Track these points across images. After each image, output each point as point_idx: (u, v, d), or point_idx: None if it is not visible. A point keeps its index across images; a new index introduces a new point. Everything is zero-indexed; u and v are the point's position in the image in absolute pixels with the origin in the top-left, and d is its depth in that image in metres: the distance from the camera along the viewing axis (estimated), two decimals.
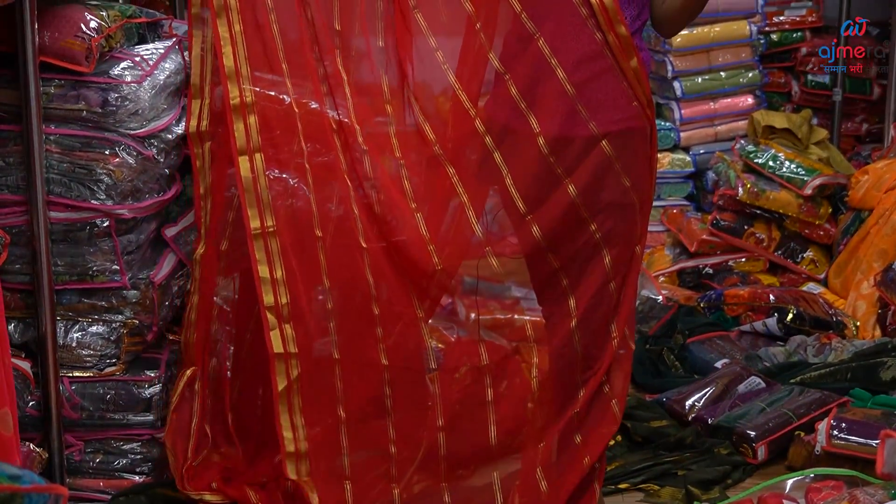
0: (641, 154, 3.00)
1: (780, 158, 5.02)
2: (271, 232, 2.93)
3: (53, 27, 3.06)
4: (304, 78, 3.07)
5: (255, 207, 2.94)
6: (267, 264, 2.92)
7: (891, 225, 4.44)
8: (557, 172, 2.93)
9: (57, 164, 3.11)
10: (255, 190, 2.94)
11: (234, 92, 2.96)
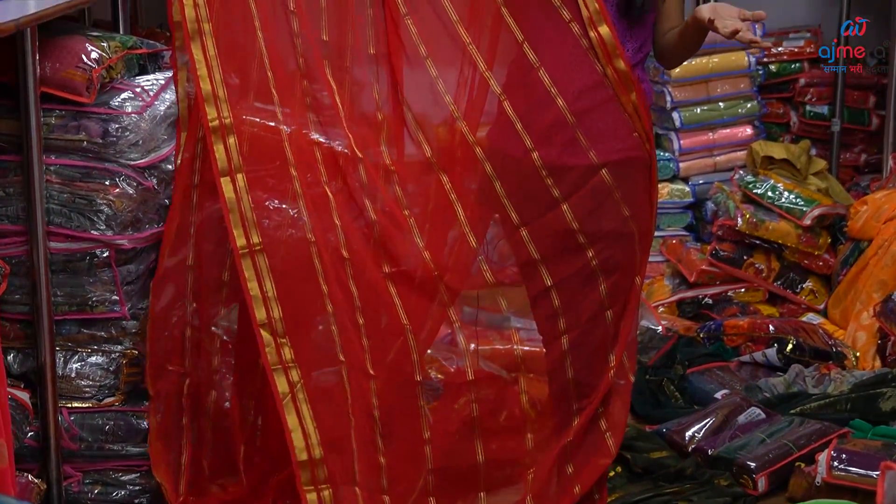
0: (641, 184, 3.01)
1: (779, 189, 5.03)
2: (258, 249, 2.91)
3: (54, 58, 3.07)
4: (297, 105, 3.07)
5: (240, 227, 2.92)
6: (256, 281, 2.90)
7: (890, 255, 4.45)
8: (554, 195, 2.95)
9: (57, 194, 3.11)
10: (239, 209, 2.92)
11: (211, 114, 2.94)
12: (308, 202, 3.02)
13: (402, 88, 3.09)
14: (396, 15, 3.01)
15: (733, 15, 2.88)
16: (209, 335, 3.21)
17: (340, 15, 3.07)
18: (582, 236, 2.96)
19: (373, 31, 3.07)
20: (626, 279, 3.02)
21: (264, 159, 3.06)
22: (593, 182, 2.94)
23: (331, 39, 3.10)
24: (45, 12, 2.79)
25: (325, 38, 3.10)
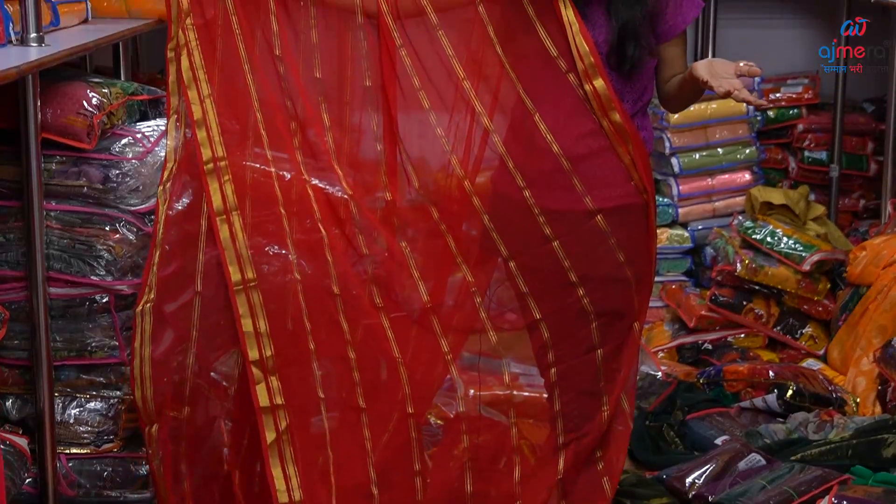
0: (638, 230, 3.01)
1: (777, 234, 5.04)
2: (252, 286, 2.92)
3: (56, 104, 3.09)
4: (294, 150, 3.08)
5: (235, 264, 2.93)
6: (250, 317, 2.91)
7: (889, 301, 4.44)
8: (546, 233, 2.96)
9: (57, 239, 3.12)
10: (234, 248, 2.93)
11: (206, 155, 2.95)
12: (305, 249, 3.03)
13: (398, 126, 3.09)
14: (391, 45, 3.02)
15: (729, 71, 2.89)
16: (208, 381, 3.20)
17: (333, 49, 3.08)
18: (573, 274, 2.97)
19: (368, 63, 3.08)
20: (620, 322, 3.02)
21: (263, 205, 3.07)
22: (588, 226, 2.95)
23: (325, 76, 3.11)
24: (46, 59, 2.80)
25: (319, 76, 3.11)
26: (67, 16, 3.33)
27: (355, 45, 3.08)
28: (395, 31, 3.00)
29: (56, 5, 3.22)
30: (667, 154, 5.61)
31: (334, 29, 3.04)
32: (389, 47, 3.02)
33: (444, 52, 3.01)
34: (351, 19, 3.01)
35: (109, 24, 3.51)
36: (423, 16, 3.00)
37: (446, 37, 3.01)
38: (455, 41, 3.01)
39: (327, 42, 3.08)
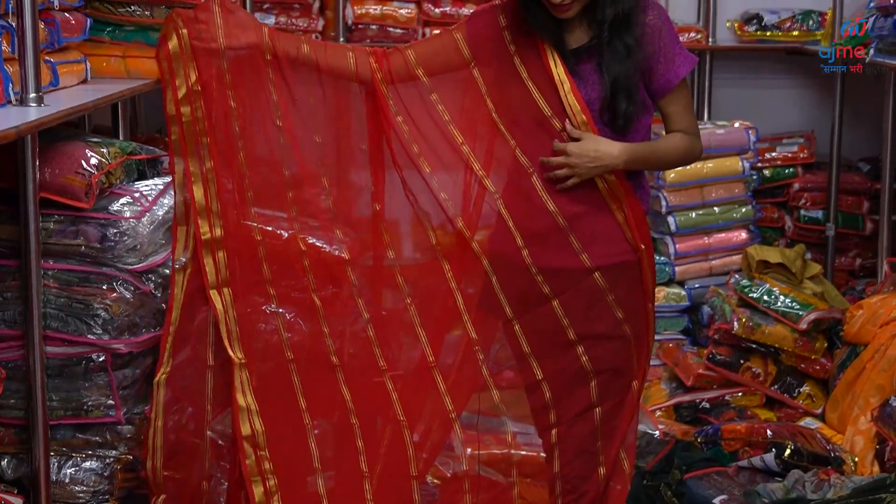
0: (635, 288, 3.02)
1: (774, 293, 5.04)
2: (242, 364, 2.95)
3: (54, 164, 3.10)
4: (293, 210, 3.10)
5: (226, 339, 3.02)
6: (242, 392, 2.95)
7: (887, 360, 4.43)
8: (545, 291, 2.96)
9: (54, 298, 3.12)
10: (225, 322, 2.99)
11: (203, 227, 3.01)
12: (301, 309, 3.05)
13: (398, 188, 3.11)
14: (388, 113, 3.04)
15: None
16: (204, 439, 3.19)
17: (331, 113, 3.11)
18: (572, 332, 2.98)
19: (365, 128, 3.10)
20: (619, 380, 3.02)
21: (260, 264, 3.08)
22: (586, 284, 2.96)
23: (325, 139, 3.14)
24: (45, 119, 2.81)
25: (319, 140, 3.13)
26: (67, 76, 3.34)
27: (352, 108, 3.10)
28: (389, 98, 3.02)
29: (55, 66, 3.24)
30: (663, 213, 5.62)
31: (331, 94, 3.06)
32: (385, 114, 3.04)
33: (439, 117, 3.03)
34: (347, 85, 3.04)
35: (108, 84, 3.52)
36: (416, 80, 3.02)
37: (441, 102, 3.03)
38: (450, 104, 3.03)
39: (325, 107, 3.10)
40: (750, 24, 6.21)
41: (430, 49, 3.05)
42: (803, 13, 6.17)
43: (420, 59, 3.01)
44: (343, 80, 3.02)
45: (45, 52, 3.16)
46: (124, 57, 3.68)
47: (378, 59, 3.00)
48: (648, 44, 2.92)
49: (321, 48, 3.03)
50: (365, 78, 3.00)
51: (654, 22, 2.93)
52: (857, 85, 5.91)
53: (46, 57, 3.18)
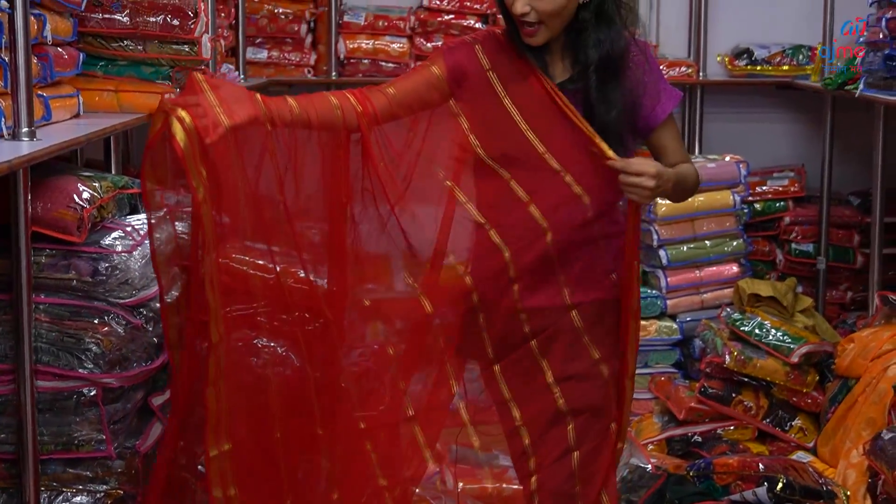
0: (613, 328, 3.01)
1: (766, 326, 5.04)
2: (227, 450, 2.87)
3: (46, 198, 3.10)
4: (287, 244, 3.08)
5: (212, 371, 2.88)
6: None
7: (878, 393, 4.44)
8: (525, 331, 2.95)
9: (46, 332, 3.11)
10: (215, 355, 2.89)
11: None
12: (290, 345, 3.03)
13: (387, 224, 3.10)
14: (372, 156, 3.01)
15: None
16: (195, 474, 3.18)
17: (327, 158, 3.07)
18: (549, 374, 2.96)
19: (361, 167, 3.09)
20: (597, 422, 3.00)
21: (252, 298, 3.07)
22: (564, 321, 2.95)
23: (322, 179, 3.12)
24: (37, 154, 2.81)
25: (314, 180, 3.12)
26: (59, 110, 3.35)
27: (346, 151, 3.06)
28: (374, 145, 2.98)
29: (48, 100, 3.24)
30: (654, 246, 5.63)
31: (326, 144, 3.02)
32: (371, 157, 3.00)
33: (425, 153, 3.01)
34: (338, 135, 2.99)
35: (101, 118, 3.53)
36: (399, 118, 3.00)
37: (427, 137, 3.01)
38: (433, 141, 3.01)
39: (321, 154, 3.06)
40: (740, 59, 6.24)
41: (409, 85, 3.01)
42: (793, 48, 6.21)
43: (400, 97, 2.97)
44: (335, 131, 2.97)
45: (37, 87, 3.17)
46: (117, 91, 3.69)
47: (361, 102, 2.93)
48: (632, 82, 2.91)
49: (308, 104, 2.92)
50: (352, 126, 2.95)
51: (637, 59, 2.93)
52: (847, 119, 5.94)
53: (39, 91, 3.19)
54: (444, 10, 6.08)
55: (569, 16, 2.84)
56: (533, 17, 2.79)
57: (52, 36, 3.27)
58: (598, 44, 2.84)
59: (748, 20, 6.32)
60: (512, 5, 2.80)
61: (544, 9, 2.78)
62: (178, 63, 3.75)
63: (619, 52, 2.86)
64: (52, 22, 3.27)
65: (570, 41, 2.87)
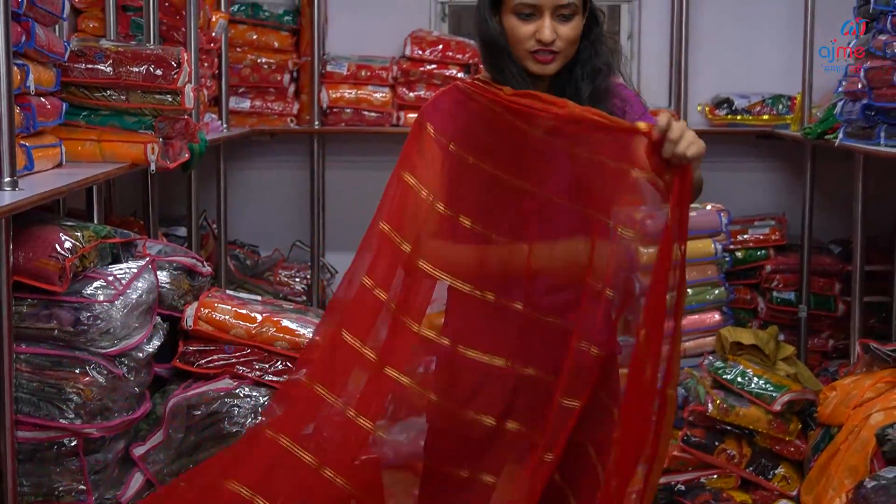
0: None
1: (748, 374, 5.04)
2: None
3: (28, 247, 3.09)
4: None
5: None
6: None
7: (860, 441, 4.43)
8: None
9: (26, 383, 3.10)
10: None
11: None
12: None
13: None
14: None
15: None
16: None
17: None
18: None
19: None
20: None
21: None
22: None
23: None
24: (19, 203, 2.81)
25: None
26: (42, 160, 3.35)
27: None
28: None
29: (31, 150, 3.24)
30: (636, 294, 5.62)
31: None
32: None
33: None
34: None
35: (83, 167, 3.53)
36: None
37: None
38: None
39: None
40: (720, 108, 6.28)
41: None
42: (773, 97, 6.25)
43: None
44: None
45: (20, 137, 3.17)
46: (99, 141, 3.69)
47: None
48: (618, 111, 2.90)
49: None
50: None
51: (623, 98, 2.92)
52: (827, 168, 5.97)
53: (21, 141, 3.19)
54: (426, 60, 6.11)
55: (577, 45, 2.83)
56: (557, 46, 2.77)
57: (35, 86, 3.28)
58: (592, 77, 2.83)
59: (728, 70, 6.36)
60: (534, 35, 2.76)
61: (568, 35, 2.77)
62: (160, 113, 3.75)
63: (606, 87, 2.86)
64: (36, 72, 3.28)
65: (561, 78, 2.86)
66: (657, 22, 6.37)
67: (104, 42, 3.82)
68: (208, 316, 3.65)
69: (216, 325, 3.64)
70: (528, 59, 2.79)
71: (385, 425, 3.01)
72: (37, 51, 3.27)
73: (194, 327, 3.64)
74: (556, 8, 2.74)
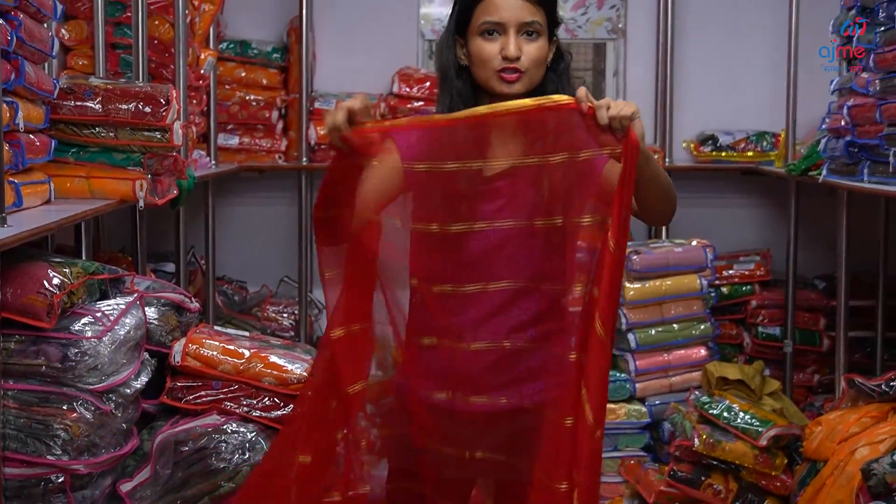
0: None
1: (734, 409, 5.04)
2: None
3: (16, 284, 3.09)
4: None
5: None
6: None
7: (846, 476, 4.43)
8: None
9: (14, 419, 3.09)
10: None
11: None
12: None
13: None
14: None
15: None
16: None
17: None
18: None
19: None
20: None
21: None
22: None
23: None
24: (7, 240, 2.81)
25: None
26: (31, 197, 3.35)
27: None
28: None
29: (19, 186, 3.24)
30: (623, 330, 5.64)
31: None
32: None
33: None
34: None
35: (72, 204, 3.53)
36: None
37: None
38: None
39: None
40: (705, 145, 6.30)
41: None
42: (757, 134, 6.28)
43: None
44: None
45: (9, 174, 3.18)
46: (88, 177, 3.69)
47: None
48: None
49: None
50: None
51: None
52: (812, 204, 5.99)
53: (10, 178, 3.19)
54: (412, 97, 6.13)
55: (543, 71, 2.83)
56: (522, 65, 2.77)
57: (25, 123, 3.28)
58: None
59: (713, 107, 6.40)
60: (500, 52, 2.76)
61: (533, 55, 2.77)
62: (149, 150, 3.76)
63: None
64: (25, 109, 3.28)
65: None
66: (642, 59, 6.40)
67: (93, 79, 3.83)
68: (196, 352, 3.64)
69: (204, 361, 3.63)
70: (495, 79, 2.79)
71: (372, 461, 3.01)
72: (26, 88, 3.28)
73: (182, 363, 3.63)
74: (520, 25, 2.76)
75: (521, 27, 2.76)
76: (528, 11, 2.76)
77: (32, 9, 3.36)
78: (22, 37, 3.22)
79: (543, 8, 2.79)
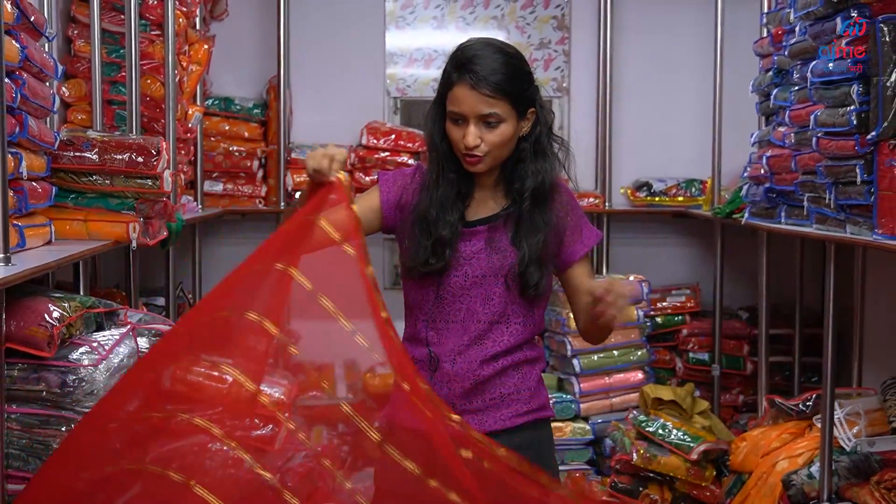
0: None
1: (668, 427, 5.05)
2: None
3: (19, 317, 3.05)
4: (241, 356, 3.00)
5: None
6: None
7: (769, 486, 4.44)
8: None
9: (17, 440, 3.04)
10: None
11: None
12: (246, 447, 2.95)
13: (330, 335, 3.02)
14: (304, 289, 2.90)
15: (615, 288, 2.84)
16: None
17: (272, 283, 2.97)
18: None
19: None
20: None
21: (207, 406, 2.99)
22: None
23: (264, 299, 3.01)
24: (11, 277, 2.78)
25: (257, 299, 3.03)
26: (33, 238, 3.32)
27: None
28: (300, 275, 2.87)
29: (23, 229, 3.21)
30: (568, 356, 5.64)
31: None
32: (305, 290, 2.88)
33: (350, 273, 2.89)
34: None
35: (71, 245, 3.50)
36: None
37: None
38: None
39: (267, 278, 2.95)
40: (641, 191, 6.33)
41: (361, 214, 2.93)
42: (687, 181, 6.32)
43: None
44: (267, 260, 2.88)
45: (13, 217, 3.15)
46: (86, 221, 3.66)
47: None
48: (561, 219, 2.86)
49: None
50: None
51: (566, 199, 2.89)
52: (735, 243, 6.03)
53: (14, 221, 3.16)
54: (380, 148, 6.12)
55: (512, 146, 2.80)
56: (482, 150, 2.74)
57: (28, 172, 3.26)
58: (536, 174, 2.79)
59: (647, 158, 6.43)
60: (462, 139, 2.74)
61: (493, 141, 2.74)
62: (141, 195, 3.74)
63: (551, 182, 2.83)
64: (28, 159, 3.26)
65: (507, 172, 2.84)
66: (584, 115, 6.43)
67: (91, 132, 3.81)
68: (182, 377, 3.60)
69: (190, 386, 3.59)
70: (462, 158, 2.80)
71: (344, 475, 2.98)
72: (29, 140, 3.26)
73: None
74: (479, 117, 2.72)
75: (479, 118, 2.73)
76: (485, 105, 2.71)
77: (35, 69, 3.35)
78: (26, 94, 3.20)
79: (504, 98, 2.73)
